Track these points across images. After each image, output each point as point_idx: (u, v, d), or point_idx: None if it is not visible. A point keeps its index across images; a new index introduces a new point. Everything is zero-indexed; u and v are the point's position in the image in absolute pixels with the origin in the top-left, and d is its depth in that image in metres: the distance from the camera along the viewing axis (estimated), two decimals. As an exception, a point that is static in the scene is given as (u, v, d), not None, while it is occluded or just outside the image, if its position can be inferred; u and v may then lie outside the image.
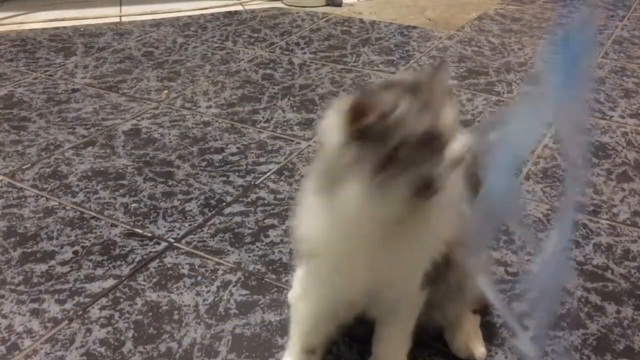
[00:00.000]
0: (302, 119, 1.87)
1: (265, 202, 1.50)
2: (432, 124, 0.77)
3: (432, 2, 2.97)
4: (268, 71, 2.20)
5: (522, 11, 2.85)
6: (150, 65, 2.25)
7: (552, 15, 2.79)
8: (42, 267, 1.30)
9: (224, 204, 1.49)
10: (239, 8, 2.87)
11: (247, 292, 1.23)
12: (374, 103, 0.77)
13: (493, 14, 2.81)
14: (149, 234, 1.39)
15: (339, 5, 2.89)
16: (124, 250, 1.34)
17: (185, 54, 2.35)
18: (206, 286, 1.24)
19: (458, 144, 0.78)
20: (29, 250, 1.35)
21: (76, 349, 1.11)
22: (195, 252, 1.34)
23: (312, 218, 0.86)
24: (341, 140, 0.78)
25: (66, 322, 1.16)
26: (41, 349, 1.11)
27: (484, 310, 1.13)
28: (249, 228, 1.41)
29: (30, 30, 2.60)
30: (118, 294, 1.23)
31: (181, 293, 1.23)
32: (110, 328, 1.15)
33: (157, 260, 1.31)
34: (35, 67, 2.24)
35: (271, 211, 1.47)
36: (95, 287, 1.25)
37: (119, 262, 1.31)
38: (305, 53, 2.36)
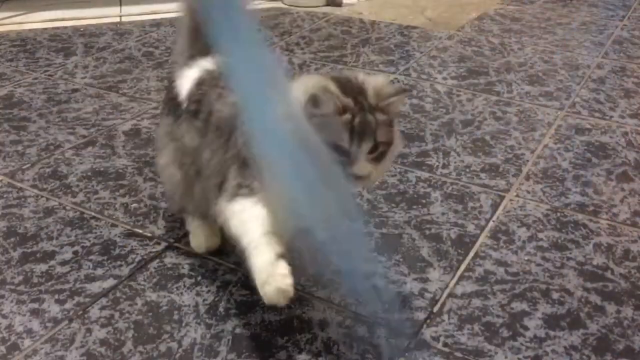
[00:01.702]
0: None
1: (265, 202, 1.50)
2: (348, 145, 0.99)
3: (432, 2, 2.97)
4: (268, 71, 2.20)
5: (522, 11, 2.85)
6: (150, 65, 2.25)
7: (552, 15, 2.80)
8: (42, 267, 1.30)
9: (224, 204, 1.49)
10: (239, 8, 2.86)
11: (247, 292, 1.23)
12: (325, 102, 0.98)
13: (493, 14, 2.81)
14: (149, 234, 1.39)
15: (339, 5, 2.89)
16: (124, 250, 1.34)
17: (185, 54, 2.35)
18: (206, 286, 1.24)
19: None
20: (29, 250, 1.35)
21: (76, 349, 1.11)
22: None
23: None
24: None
25: (66, 322, 1.16)
26: (41, 349, 1.11)
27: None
28: (249, 228, 1.41)
29: (30, 30, 2.60)
30: (118, 294, 1.23)
31: (181, 293, 1.23)
32: (110, 328, 1.15)
33: (157, 260, 1.31)
34: (35, 67, 2.24)
35: (271, 211, 1.46)
36: (95, 287, 1.25)
37: (119, 262, 1.31)
38: (305, 53, 2.36)
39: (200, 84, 1.22)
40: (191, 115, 1.21)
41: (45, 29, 2.60)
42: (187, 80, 1.24)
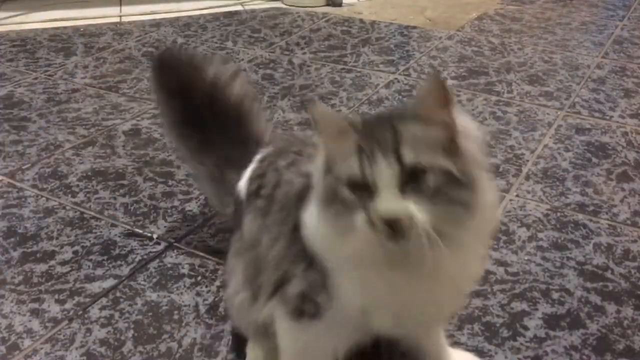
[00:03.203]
0: (302, 119, 1.87)
1: (265, 202, 1.50)
2: (359, 176, 0.68)
3: (432, 2, 2.97)
4: (268, 71, 2.20)
5: (522, 11, 2.85)
6: (150, 65, 2.25)
7: (552, 15, 2.80)
8: (42, 267, 1.30)
9: (224, 204, 1.49)
10: (239, 8, 2.87)
11: (247, 292, 1.23)
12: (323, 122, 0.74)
13: (493, 14, 2.81)
14: (149, 234, 1.39)
15: (339, 5, 2.89)
16: (124, 250, 1.34)
17: (185, 54, 2.35)
18: (206, 286, 1.24)
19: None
20: (29, 250, 1.35)
21: (76, 349, 1.11)
22: (195, 252, 1.34)
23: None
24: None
25: (66, 322, 1.16)
26: (41, 349, 1.11)
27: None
28: (249, 228, 1.41)
29: (30, 30, 2.60)
30: (118, 294, 1.23)
31: (181, 293, 1.23)
32: (110, 328, 1.15)
33: (157, 260, 1.31)
34: (35, 67, 2.24)
35: (271, 211, 1.46)
36: (95, 287, 1.25)
37: (119, 262, 1.31)
38: (305, 53, 2.36)
39: (263, 159, 0.98)
40: (253, 195, 0.94)
41: (45, 29, 2.60)
42: (246, 174, 1.01)
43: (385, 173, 0.66)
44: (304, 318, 0.83)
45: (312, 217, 0.75)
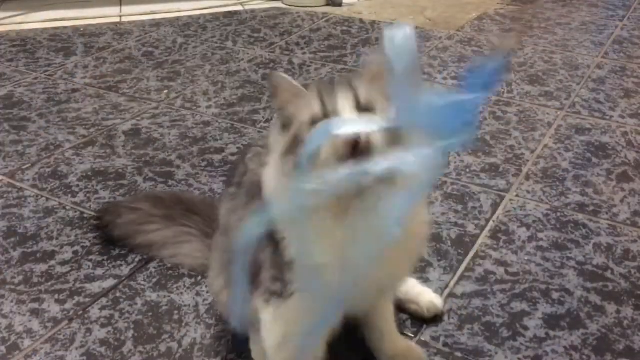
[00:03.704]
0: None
1: (265, 202, 1.50)
2: (320, 111, 0.79)
3: (432, 2, 2.97)
4: (268, 71, 2.20)
5: (522, 11, 2.85)
6: (150, 65, 2.25)
7: (552, 15, 2.80)
8: (42, 267, 1.30)
9: (224, 204, 1.49)
10: (239, 8, 2.87)
11: (247, 292, 1.23)
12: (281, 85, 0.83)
13: (493, 14, 2.81)
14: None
15: (339, 5, 2.89)
16: (124, 250, 1.34)
17: (185, 54, 2.35)
18: (206, 286, 1.24)
19: (348, 129, 0.75)
20: (29, 250, 1.35)
21: (76, 349, 1.11)
22: (195, 252, 1.34)
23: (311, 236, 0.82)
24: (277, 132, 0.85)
25: (66, 322, 1.16)
26: (41, 349, 1.11)
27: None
28: (249, 228, 1.41)
29: (30, 30, 2.60)
30: (118, 294, 1.23)
31: (181, 293, 1.23)
32: (110, 328, 1.15)
33: (157, 260, 1.31)
34: (35, 67, 2.24)
35: (271, 211, 1.46)
36: (95, 287, 1.25)
37: (119, 262, 1.31)
38: (305, 53, 2.36)
39: (241, 154, 1.06)
40: (227, 185, 1.05)
41: (45, 29, 2.60)
42: None
43: (343, 101, 0.78)
44: (274, 299, 0.89)
45: (271, 176, 0.85)
